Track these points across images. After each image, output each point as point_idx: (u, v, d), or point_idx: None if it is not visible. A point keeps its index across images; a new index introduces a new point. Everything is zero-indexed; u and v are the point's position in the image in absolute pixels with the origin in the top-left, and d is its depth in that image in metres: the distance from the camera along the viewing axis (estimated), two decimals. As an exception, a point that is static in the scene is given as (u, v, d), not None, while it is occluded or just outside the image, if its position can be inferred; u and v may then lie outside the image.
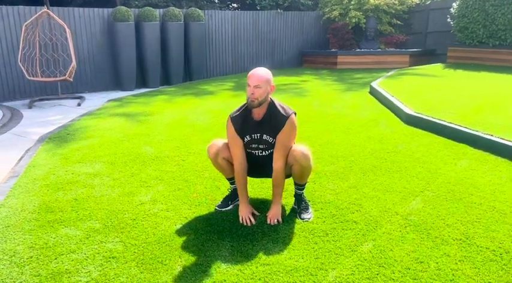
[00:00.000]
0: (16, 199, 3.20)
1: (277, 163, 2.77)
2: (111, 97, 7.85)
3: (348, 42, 11.72)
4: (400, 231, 2.71)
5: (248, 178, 3.17)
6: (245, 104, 2.78)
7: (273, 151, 2.80)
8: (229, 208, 3.04)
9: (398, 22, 11.77)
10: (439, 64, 10.27)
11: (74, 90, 8.33)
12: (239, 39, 10.81)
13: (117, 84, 8.81)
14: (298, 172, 2.82)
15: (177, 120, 5.62)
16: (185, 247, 2.53)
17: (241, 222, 2.82)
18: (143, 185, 3.46)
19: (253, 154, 2.87)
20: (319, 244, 2.58)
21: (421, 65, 10.49)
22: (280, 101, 2.88)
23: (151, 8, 8.76)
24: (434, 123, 4.83)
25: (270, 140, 2.79)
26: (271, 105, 2.77)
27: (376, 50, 11.41)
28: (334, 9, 11.79)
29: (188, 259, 2.41)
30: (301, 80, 9.20)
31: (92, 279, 2.22)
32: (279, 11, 11.38)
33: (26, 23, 7.03)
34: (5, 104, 7.38)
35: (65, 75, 7.17)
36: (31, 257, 2.42)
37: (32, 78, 7.02)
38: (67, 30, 7.18)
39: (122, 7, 8.38)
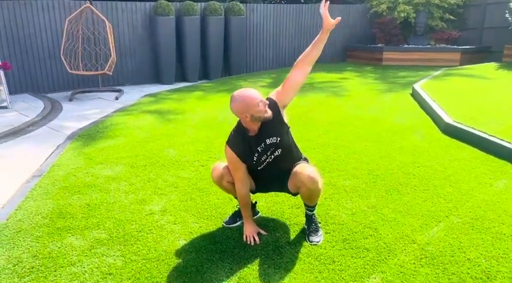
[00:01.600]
0: (33, 201, 3.27)
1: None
2: (149, 91, 7.96)
3: (395, 38, 11.20)
4: (414, 263, 2.51)
5: (260, 194, 3.10)
6: (235, 127, 2.67)
7: (281, 151, 2.67)
8: (236, 225, 2.95)
9: (451, 17, 11.08)
10: (492, 63, 9.58)
11: (115, 83, 8.52)
12: (281, 33, 10.61)
13: (157, 77, 8.92)
14: (306, 195, 2.68)
15: (205, 120, 5.59)
16: (184, 266, 2.48)
17: (244, 241, 2.73)
18: (157, 192, 3.44)
19: (266, 167, 2.72)
20: (324, 273, 2.43)
21: (474, 63, 9.84)
22: None
23: (192, 2, 8.76)
24: (474, 134, 4.48)
25: (274, 139, 2.64)
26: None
27: (425, 46, 10.83)
28: (382, 3, 11.28)
29: (184, 281, 2.35)
30: (341, 78, 8.91)
31: (85, 296, 2.22)
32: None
33: (69, 17, 7.22)
34: (48, 95, 7.66)
35: (104, 69, 7.32)
36: (32, 268, 2.45)
37: (72, 71, 7.23)
38: (107, 24, 7.32)
39: (163, 1, 8.43)
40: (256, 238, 2.73)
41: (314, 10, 10.91)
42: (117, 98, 7.31)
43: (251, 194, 2.92)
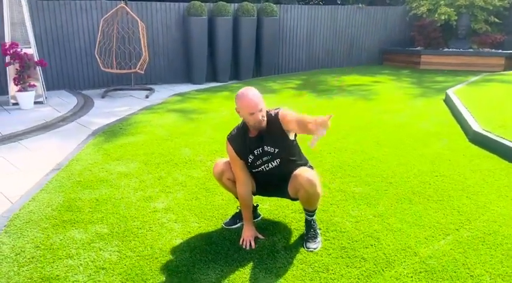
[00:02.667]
0: (47, 194, 3.40)
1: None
2: (179, 90, 8.08)
3: (434, 41, 10.80)
4: (412, 276, 2.40)
5: (265, 198, 3.08)
6: (240, 124, 2.68)
7: (280, 161, 2.64)
8: (235, 226, 2.94)
9: (496, 20, 10.56)
10: (538, 70, 9.06)
11: (147, 81, 8.72)
12: (315, 35, 10.50)
13: (188, 77, 9.05)
14: (304, 199, 2.63)
15: (226, 121, 5.60)
16: (176, 266, 2.49)
17: (240, 244, 2.71)
18: (165, 190, 3.48)
19: (263, 172, 2.72)
20: (315, 281, 2.38)
21: (518, 69, 9.34)
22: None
23: (225, 3, 8.82)
24: (501, 144, 4.25)
25: (272, 150, 2.63)
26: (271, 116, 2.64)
27: (466, 50, 10.38)
28: (422, 5, 10.92)
29: (172, 281, 2.36)
30: (373, 81, 8.70)
31: (76, 289, 2.28)
32: (360, 5, 10.83)
33: (104, 17, 7.47)
34: (83, 92, 7.94)
35: (135, 67, 7.51)
36: (33, 258, 2.54)
37: (105, 69, 7.47)
38: (139, 24, 7.50)
39: (197, 1, 8.54)
40: (252, 243, 2.71)
41: (350, 12, 10.72)
42: (147, 97, 7.48)
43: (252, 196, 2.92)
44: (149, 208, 3.18)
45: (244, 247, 2.69)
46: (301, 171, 2.58)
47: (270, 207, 3.19)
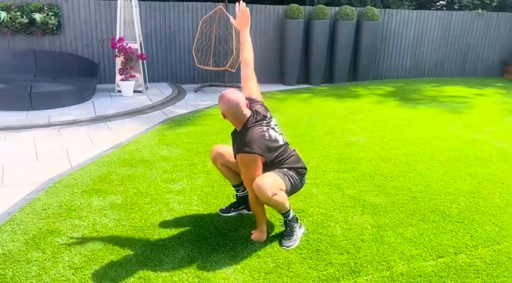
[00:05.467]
0: (95, 166, 3.95)
1: (248, 192, 2.68)
2: (265, 90, 8.37)
3: None
4: (369, 289, 2.30)
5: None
6: None
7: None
8: (230, 214, 3.09)
9: None
10: None
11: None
12: (422, 41, 9.87)
13: (280, 78, 9.29)
14: (265, 205, 2.68)
15: (286, 121, 5.71)
16: (156, 240, 2.76)
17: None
18: (189, 175, 3.78)
19: None
20: (269, 275, 2.43)
21: None
22: (259, 130, 2.64)
23: (323, 6, 8.85)
24: None
25: (234, 150, 2.69)
26: (244, 127, 2.64)
27: None
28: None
29: (144, 252, 2.63)
30: (477, 94, 7.90)
31: (67, 242, 2.69)
32: (480, 11, 9.86)
33: (203, 17, 8.11)
34: (183, 86, 8.72)
35: (226, 66, 8.01)
36: (52, 214, 3.04)
37: (200, 66, 8.11)
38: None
39: (295, 5, 8.73)
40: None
41: (467, 18, 9.83)
42: (233, 93, 7.91)
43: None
44: (166, 188, 3.51)
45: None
46: (258, 178, 2.55)
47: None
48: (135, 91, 7.49)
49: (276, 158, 2.68)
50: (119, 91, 7.45)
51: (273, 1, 11.10)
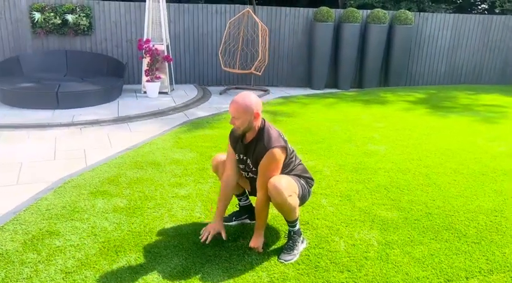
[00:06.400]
0: (107, 167, 3.96)
1: (258, 194, 2.59)
2: (292, 93, 8.25)
3: None
4: (365, 313, 2.15)
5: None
6: None
7: (254, 176, 2.63)
8: (231, 223, 3.01)
9: None
10: None
11: (269, 83, 9.10)
12: (459, 46, 9.46)
13: (308, 82, 9.13)
14: (276, 207, 2.56)
15: (305, 126, 5.56)
16: (151, 246, 2.70)
17: (200, 233, 2.73)
18: (197, 180, 3.72)
19: (244, 175, 2.76)
20: (261, 290, 2.32)
21: None
22: (275, 128, 2.63)
23: (354, 9, 8.63)
24: None
25: (251, 166, 2.63)
26: (261, 132, 2.58)
27: None
28: None
29: (138, 257, 2.58)
30: (515, 103, 7.47)
31: (65, 243, 2.69)
32: (523, 15, 9.35)
33: (230, 20, 8.08)
34: (210, 88, 8.72)
35: (252, 69, 7.95)
36: (55, 214, 3.05)
37: (226, 68, 8.08)
38: (260, 27, 7.89)
39: (325, 7, 8.56)
40: (209, 238, 2.66)
41: (507, 22, 9.34)
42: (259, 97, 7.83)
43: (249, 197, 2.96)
44: (172, 193, 3.46)
45: (200, 237, 2.69)
46: (274, 178, 2.51)
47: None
48: (160, 92, 7.55)
49: (289, 160, 2.64)
50: (145, 92, 7.52)
51: (307, 4, 10.96)
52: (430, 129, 5.56)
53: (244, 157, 2.66)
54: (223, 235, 2.72)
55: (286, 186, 2.50)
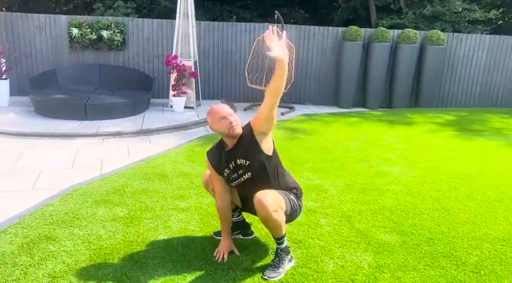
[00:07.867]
0: (117, 177, 4.08)
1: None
2: (315, 111, 8.21)
3: None
4: None
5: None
6: (219, 140, 2.74)
7: (251, 175, 2.63)
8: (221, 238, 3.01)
9: None
10: None
11: (296, 100, 9.10)
12: (496, 67, 9.12)
13: (335, 100, 9.06)
14: (262, 223, 2.55)
15: (321, 145, 5.51)
16: (139, 257, 2.75)
17: (215, 255, 2.78)
18: (199, 194, 3.76)
19: (239, 187, 2.75)
20: (238, 306, 2.31)
21: None
22: None
23: (384, 29, 8.54)
24: None
25: (243, 162, 2.62)
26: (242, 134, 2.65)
27: None
28: None
29: (124, 268, 2.63)
30: (552, 128, 7.08)
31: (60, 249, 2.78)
32: None
33: (258, 37, 8.20)
34: (236, 103, 8.81)
35: (277, 85, 7.98)
36: (57, 220, 3.17)
37: (251, 85, 8.17)
38: (288, 45, 7.94)
39: (354, 27, 8.52)
40: (225, 256, 2.75)
41: (549, 44, 8.94)
42: (282, 114, 7.85)
43: (243, 212, 2.97)
44: (172, 205, 3.52)
45: (217, 258, 2.75)
46: (259, 193, 2.51)
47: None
48: (186, 107, 7.71)
49: (279, 161, 2.69)
50: (171, 106, 7.71)
51: (341, 25, 10.95)
52: (452, 152, 5.36)
53: (233, 163, 2.66)
54: (236, 252, 2.81)
55: (272, 200, 2.48)
